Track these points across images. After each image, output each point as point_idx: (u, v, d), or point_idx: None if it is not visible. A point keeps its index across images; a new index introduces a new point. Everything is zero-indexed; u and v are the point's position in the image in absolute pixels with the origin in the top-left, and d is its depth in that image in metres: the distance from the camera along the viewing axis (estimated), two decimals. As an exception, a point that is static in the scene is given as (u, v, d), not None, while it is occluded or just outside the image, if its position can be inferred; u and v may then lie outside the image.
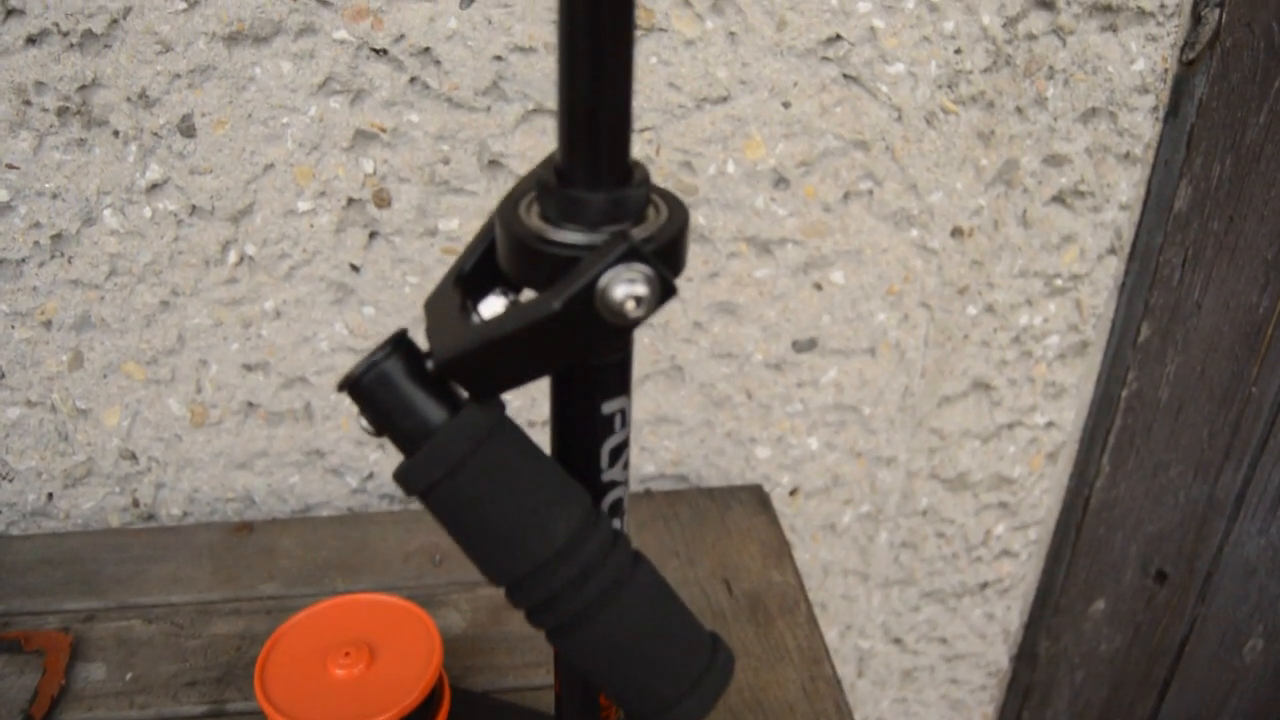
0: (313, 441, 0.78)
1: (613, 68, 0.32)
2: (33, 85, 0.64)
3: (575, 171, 0.33)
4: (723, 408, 0.82)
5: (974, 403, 0.86)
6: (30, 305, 0.71)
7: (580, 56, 0.31)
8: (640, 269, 0.32)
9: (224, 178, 0.68)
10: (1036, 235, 0.79)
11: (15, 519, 0.79)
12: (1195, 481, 0.95)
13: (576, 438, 0.39)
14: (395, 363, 0.36)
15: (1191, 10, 0.74)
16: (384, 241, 0.72)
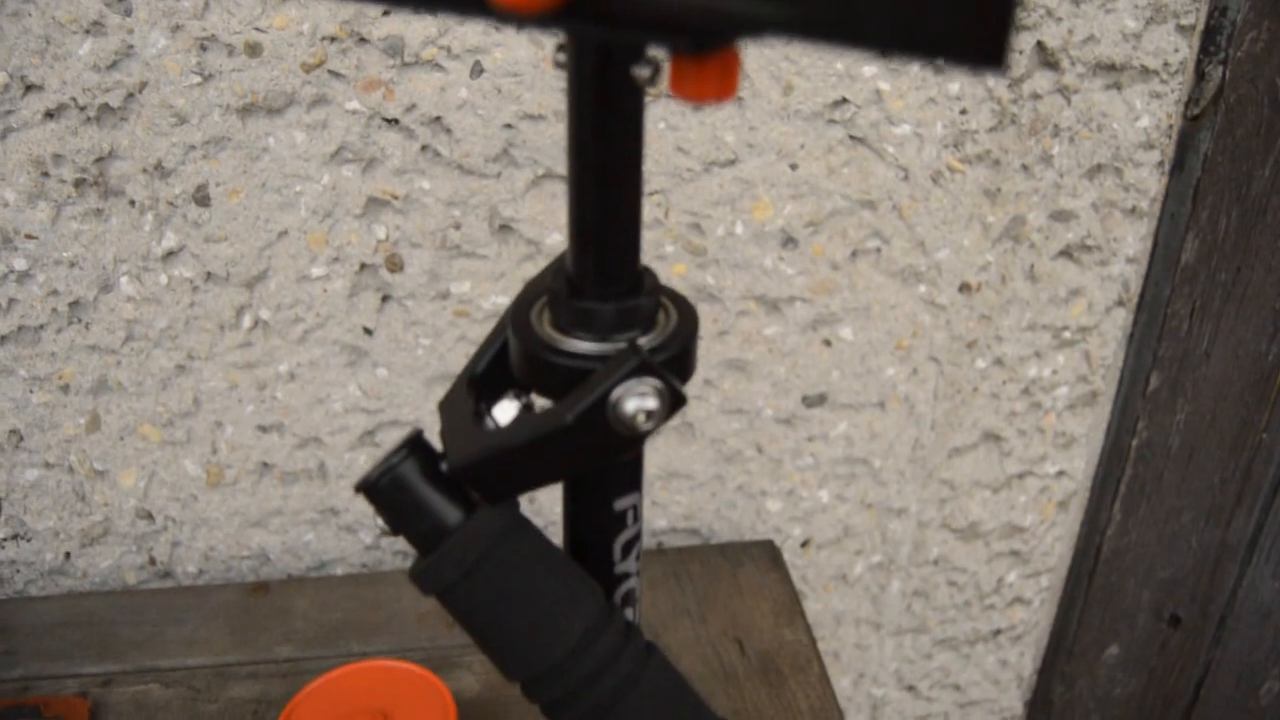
0: (327, 500, 0.79)
1: (621, 187, 0.32)
2: (51, 158, 0.65)
3: (586, 283, 0.34)
4: (734, 462, 0.82)
5: (984, 454, 0.86)
6: (48, 370, 0.72)
7: (590, 177, 0.32)
8: (651, 382, 0.33)
9: (238, 245, 0.69)
10: (1044, 289, 0.79)
11: (33, 578, 0.80)
12: (1207, 527, 0.95)
13: (589, 534, 0.40)
14: (411, 465, 0.37)
15: (1195, 67, 0.74)
16: (396, 305, 0.72)
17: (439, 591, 0.37)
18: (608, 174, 0.32)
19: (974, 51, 0.20)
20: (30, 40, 0.62)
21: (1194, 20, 0.72)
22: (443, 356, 0.74)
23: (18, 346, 0.71)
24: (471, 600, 0.37)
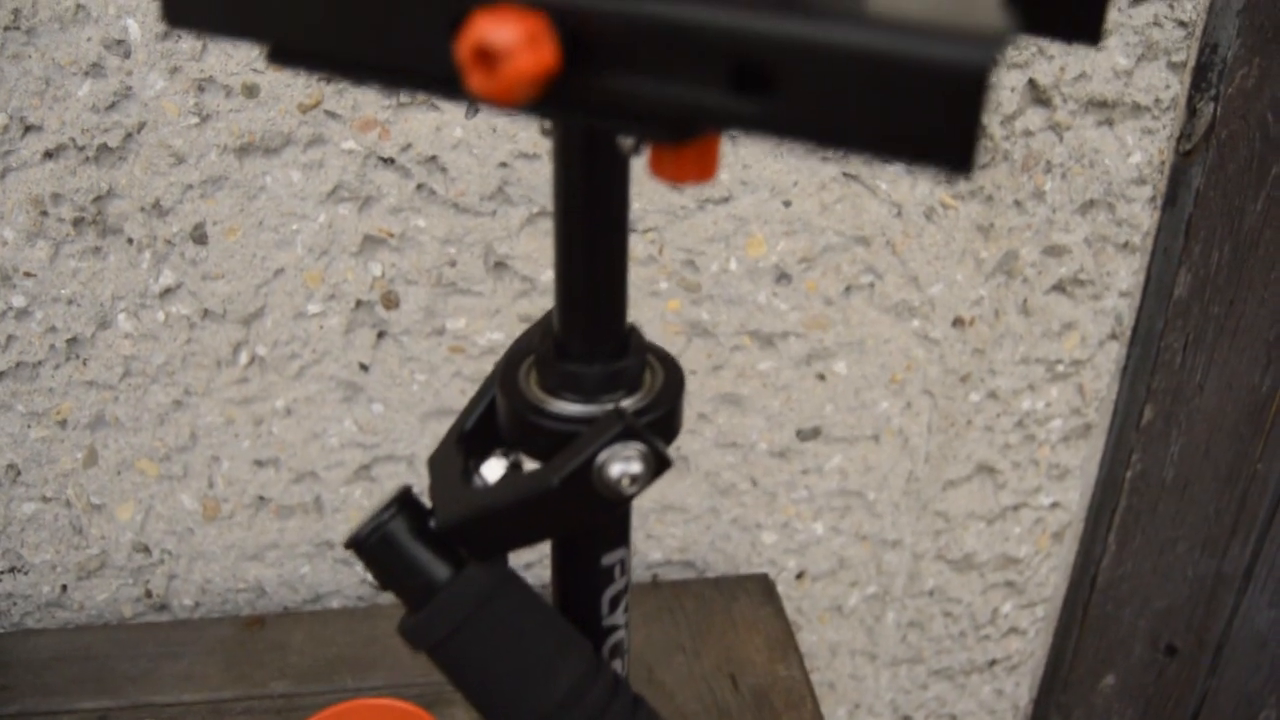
0: (323, 533, 0.79)
1: (607, 253, 0.33)
2: (50, 197, 0.66)
3: (572, 345, 0.34)
4: (728, 495, 0.82)
5: (978, 486, 0.86)
6: (46, 405, 0.72)
7: (576, 244, 0.32)
8: (636, 447, 0.33)
9: (235, 282, 0.70)
10: (1037, 323, 0.80)
11: (30, 610, 0.80)
12: (1203, 557, 0.95)
13: (577, 588, 0.40)
14: (400, 523, 0.37)
15: (1187, 103, 0.75)
16: (392, 341, 0.73)
17: (428, 647, 0.38)
18: (594, 242, 0.32)
19: (940, 158, 0.20)
20: (30, 82, 0.63)
21: (1185, 57, 0.72)
22: (438, 392, 0.75)
23: (16, 382, 0.71)
24: (460, 655, 0.38)
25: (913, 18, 0.20)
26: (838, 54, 0.20)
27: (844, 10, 0.21)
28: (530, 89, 0.22)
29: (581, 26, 0.22)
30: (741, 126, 0.22)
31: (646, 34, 0.22)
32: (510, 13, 0.22)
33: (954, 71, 0.19)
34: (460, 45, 0.22)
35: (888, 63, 0.20)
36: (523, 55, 0.22)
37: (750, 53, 0.21)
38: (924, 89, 0.19)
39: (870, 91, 0.20)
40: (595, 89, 0.23)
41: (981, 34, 0.19)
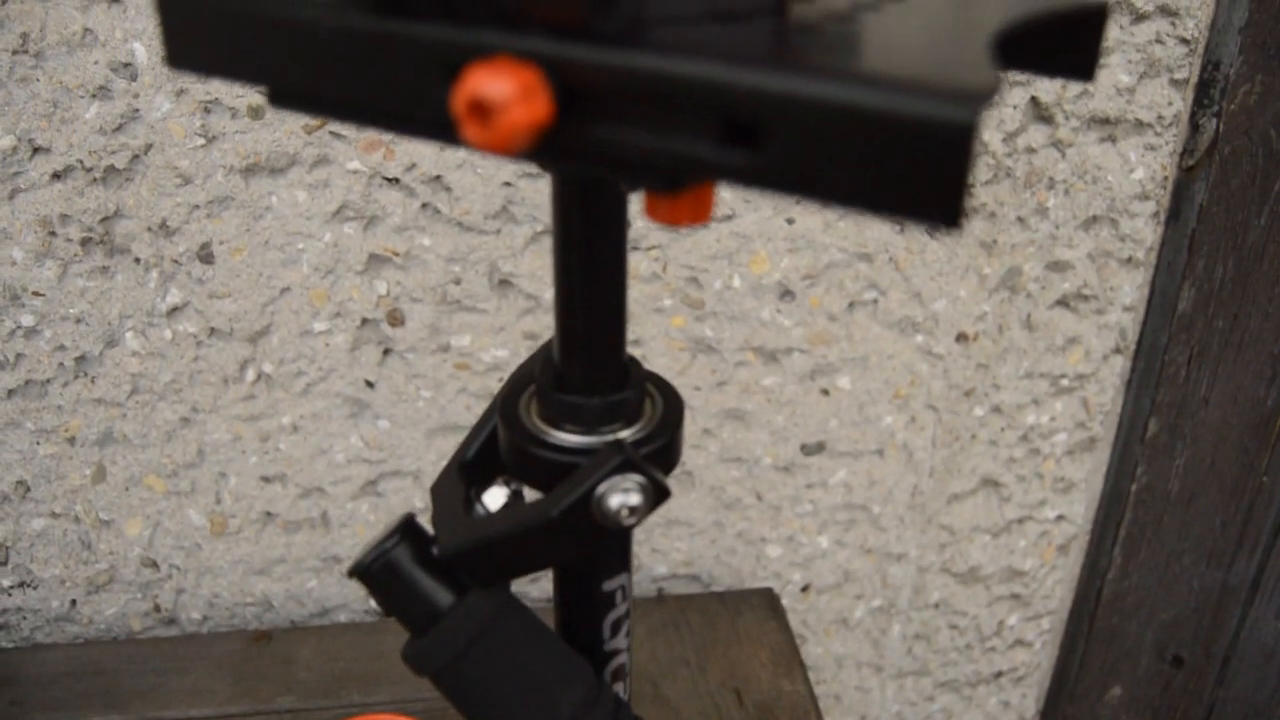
0: (329, 548, 0.80)
1: (606, 290, 0.33)
2: (58, 217, 0.66)
3: (572, 378, 0.35)
4: (733, 509, 0.83)
5: (983, 499, 0.86)
6: (55, 423, 0.73)
7: (575, 281, 0.33)
8: (635, 479, 0.33)
9: (242, 301, 0.70)
10: (1041, 338, 0.80)
11: (40, 624, 0.81)
12: (1209, 569, 0.95)
13: (579, 613, 0.40)
14: (403, 550, 0.38)
15: (1189, 120, 0.75)
16: (398, 358, 0.73)
17: (432, 673, 0.38)
18: (592, 278, 0.32)
19: (929, 212, 0.20)
20: (38, 104, 0.63)
21: (1187, 74, 0.72)
22: (443, 408, 0.75)
23: (25, 400, 0.72)
24: (464, 681, 0.38)
25: (899, 73, 0.20)
26: (825, 110, 0.20)
27: (833, 65, 0.21)
28: (525, 140, 0.23)
29: (574, 79, 0.23)
30: (731, 179, 0.22)
31: (638, 87, 0.22)
32: (505, 65, 0.22)
33: (940, 128, 0.19)
34: (456, 98, 0.22)
35: (875, 119, 0.20)
36: (517, 108, 0.22)
37: (739, 107, 0.21)
38: (911, 145, 0.20)
39: (858, 147, 0.20)
40: (588, 139, 0.23)
41: (968, 90, 0.20)
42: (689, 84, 0.22)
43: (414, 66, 0.25)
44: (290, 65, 0.28)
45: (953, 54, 0.22)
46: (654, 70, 0.22)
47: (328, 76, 0.27)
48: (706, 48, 0.22)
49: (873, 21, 0.25)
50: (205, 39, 0.29)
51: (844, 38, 0.23)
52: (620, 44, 0.22)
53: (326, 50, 0.27)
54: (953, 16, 0.26)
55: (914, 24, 0.25)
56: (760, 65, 0.21)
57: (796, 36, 0.23)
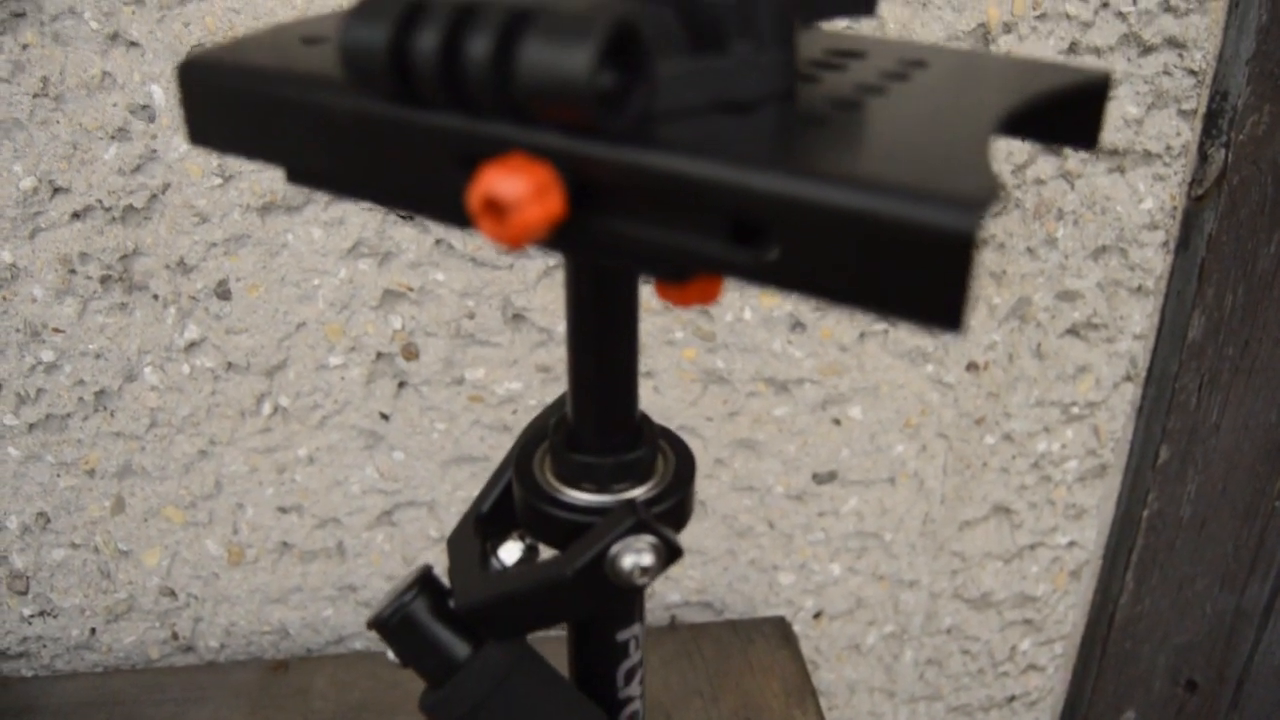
0: (345, 577, 0.81)
1: (618, 355, 0.34)
2: (77, 256, 0.67)
3: (585, 439, 0.35)
4: (745, 537, 0.83)
5: (995, 526, 0.87)
6: (75, 456, 0.74)
7: (589, 350, 0.33)
8: (647, 539, 0.34)
9: (258, 336, 0.71)
10: (1051, 367, 0.80)
11: (59, 653, 0.81)
12: (1221, 594, 0.95)
13: (593, 663, 0.41)
14: (421, 604, 0.39)
15: (1198, 149, 0.75)
16: (412, 391, 0.74)
17: (447, 724, 0.39)
18: (604, 347, 0.33)
19: (930, 316, 0.21)
20: (58, 146, 0.64)
21: (1195, 105, 0.73)
22: (458, 440, 0.76)
23: (45, 433, 0.73)
24: (479, 732, 0.39)
25: (902, 176, 0.21)
26: (830, 214, 0.21)
27: (838, 167, 0.21)
28: (539, 235, 0.23)
29: (587, 175, 0.23)
30: (738, 275, 0.23)
31: (648, 184, 0.23)
32: (519, 163, 0.23)
33: (942, 235, 0.20)
34: (471, 195, 0.23)
35: (878, 225, 0.20)
36: (531, 207, 0.23)
37: (747, 209, 0.22)
38: (913, 250, 0.20)
39: (863, 250, 0.21)
40: (600, 232, 0.24)
41: (969, 197, 0.20)
42: (698, 184, 0.22)
43: (428, 155, 0.26)
44: (307, 147, 0.29)
45: (955, 151, 0.23)
46: (663, 169, 0.22)
47: (343, 160, 0.28)
48: (715, 146, 0.23)
49: (877, 108, 0.25)
50: (225, 119, 0.30)
51: (849, 130, 0.24)
52: (631, 141, 0.23)
53: (342, 135, 0.27)
54: (955, 99, 0.26)
55: (917, 111, 0.25)
56: (767, 167, 0.22)
57: (803, 131, 0.24)
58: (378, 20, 0.24)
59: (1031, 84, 0.28)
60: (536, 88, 0.22)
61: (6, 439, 0.72)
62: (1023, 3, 0.68)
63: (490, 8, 0.23)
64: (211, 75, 0.30)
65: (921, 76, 0.28)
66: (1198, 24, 0.70)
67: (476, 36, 0.23)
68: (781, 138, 0.24)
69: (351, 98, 0.27)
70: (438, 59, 0.24)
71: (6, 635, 0.80)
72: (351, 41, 0.25)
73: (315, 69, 0.29)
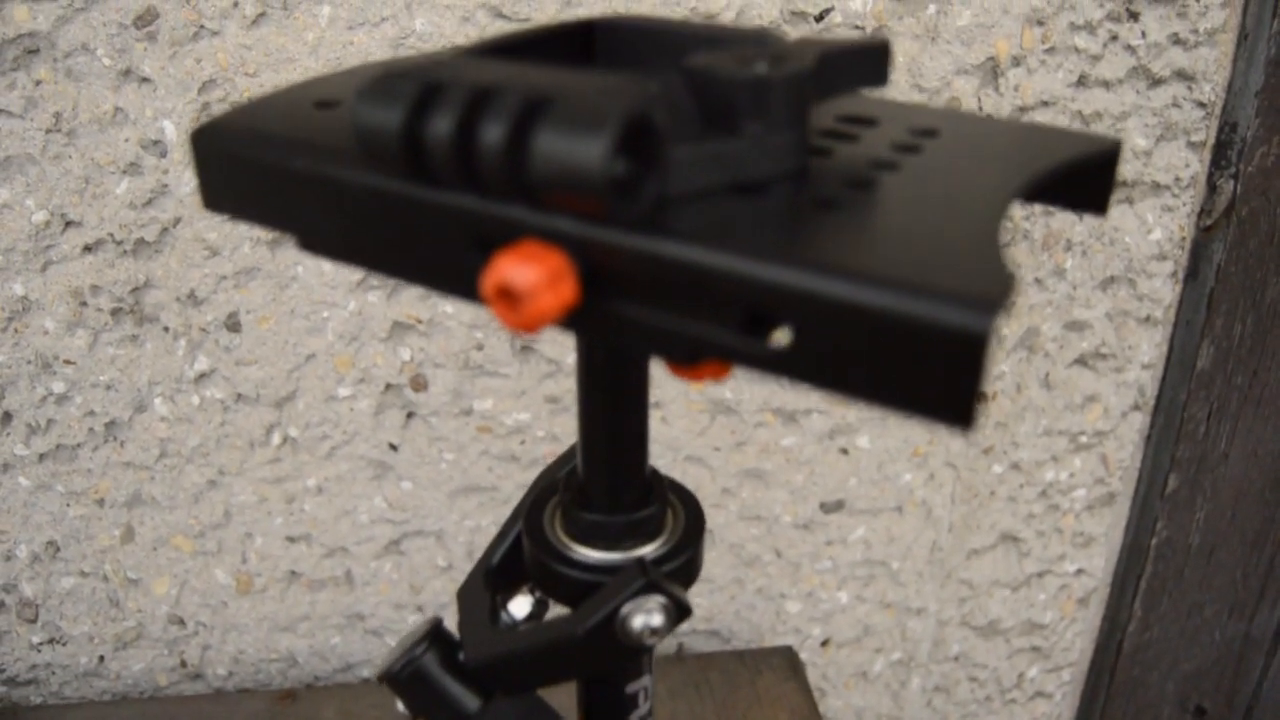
0: (353, 606, 0.81)
1: (628, 425, 0.34)
2: (89, 288, 0.68)
3: (595, 498, 0.35)
4: (753, 566, 0.83)
5: (1003, 554, 0.87)
6: (85, 485, 0.74)
7: (599, 417, 0.33)
8: (657, 600, 0.34)
9: (268, 368, 0.71)
10: (1060, 396, 0.80)
11: (68, 680, 0.82)
12: (1230, 621, 0.95)
13: (603, 715, 0.41)
14: (431, 657, 0.39)
15: (1207, 180, 0.75)
16: (421, 421, 0.74)
17: (458, 777, 0.39)
18: (615, 416, 0.33)
19: (942, 413, 0.21)
20: (71, 180, 0.65)
21: (1204, 136, 0.73)
22: (466, 470, 0.76)
23: (56, 463, 0.73)
24: (488, 784, 0.39)
25: (915, 273, 0.21)
26: (843, 310, 0.21)
27: (852, 262, 0.21)
28: (552, 321, 0.23)
29: (600, 261, 0.23)
30: (750, 365, 0.23)
31: (661, 273, 0.23)
32: (532, 250, 0.23)
33: (955, 335, 0.20)
34: (484, 281, 0.23)
35: (890, 321, 0.21)
36: (545, 296, 0.23)
37: (760, 301, 0.22)
38: (926, 349, 0.20)
39: (874, 346, 0.21)
40: (612, 316, 0.24)
41: (982, 296, 0.20)
42: (710, 274, 0.22)
43: (440, 234, 0.26)
44: (319, 219, 0.29)
45: (968, 240, 0.23)
46: (676, 258, 0.23)
47: (356, 232, 0.28)
48: (727, 234, 0.23)
49: (889, 187, 0.25)
50: (238, 186, 0.30)
51: (861, 215, 0.24)
52: (645, 229, 0.23)
53: (354, 209, 0.27)
54: (967, 177, 0.26)
55: (928, 191, 0.25)
56: (780, 259, 0.22)
57: (815, 216, 0.24)
58: (392, 100, 0.24)
59: (1042, 158, 0.28)
60: (550, 178, 0.22)
61: (17, 469, 0.73)
62: (1031, 36, 0.68)
63: (505, 92, 0.24)
64: (224, 142, 0.30)
65: (933, 148, 0.28)
66: (1207, 57, 0.70)
67: (491, 123, 0.23)
68: (794, 223, 0.24)
69: (364, 173, 0.27)
70: (452, 143, 0.24)
71: (16, 662, 0.80)
72: (365, 121, 0.25)
73: (328, 138, 0.29)
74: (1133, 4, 0.68)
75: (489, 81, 0.24)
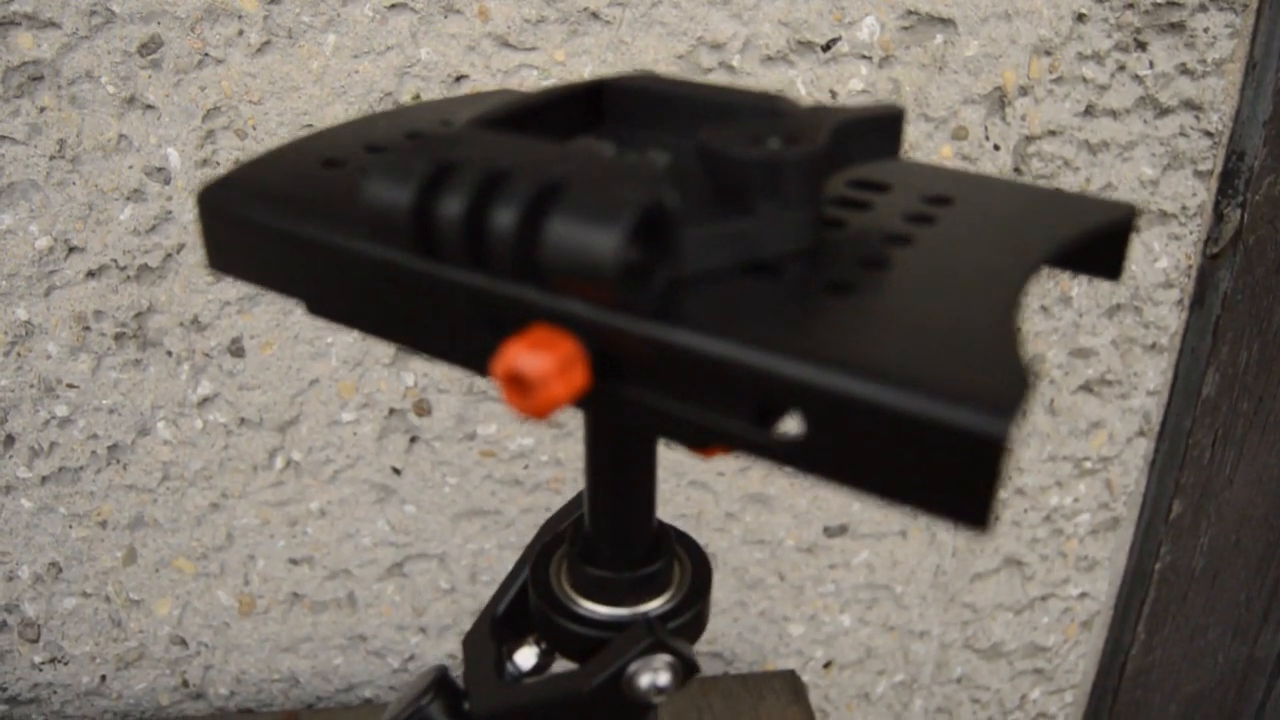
0: (356, 627, 0.81)
1: (636, 489, 0.34)
2: (92, 313, 0.68)
3: (601, 555, 0.35)
4: (756, 589, 0.83)
5: (1006, 578, 0.86)
6: (87, 507, 0.74)
7: (605, 483, 0.33)
8: (664, 659, 0.34)
9: (271, 393, 0.71)
10: (1064, 422, 0.80)
11: (70, 699, 0.82)
12: (1234, 644, 0.94)
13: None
14: (436, 707, 0.38)
15: (1214, 209, 0.75)
16: (424, 446, 0.74)
17: (461, 828, 0.39)
18: (623, 482, 0.33)
19: (956, 513, 0.21)
20: (74, 207, 0.64)
21: (1211, 165, 0.73)
22: (469, 494, 0.76)
23: (58, 485, 0.73)
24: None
25: (930, 372, 0.21)
26: (856, 408, 0.21)
27: (866, 358, 0.21)
28: (563, 406, 0.23)
29: (611, 347, 0.23)
30: (760, 456, 0.23)
31: (673, 362, 0.23)
32: (543, 337, 0.23)
33: (971, 439, 0.20)
34: (495, 367, 0.23)
35: (905, 422, 0.20)
36: (555, 384, 0.23)
37: (772, 395, 0.22)
38: (940, 450, 0.20)
39: (888, 444, 0.21)
40: (623, 400, 0.24)
41: (999, 398, 0.20)
42: (722, 366, 0.22)
43: (449, 310, 0.26)
44: (327, 285, 0.28)
45: (984, 331, 0.22)
46: (687, 348, 0.22)
47: (363, 301, 0.28)
48: (740, 323, 0.22)
49: (903, 266, 0.25)
50: (244, 250, 0.30)
51: (875, 301, 0.24)
52: (656, 316, 0.23)
53: (363, 279, 0.27)
54: (983, 255, 0.26)
55: (943, 274, 0.25)
56: (793, 353, 0.21)
57: (828, 301, 0.24)
58: (404, 179, 0.24)
59: (1056, 232, 0.28)
60: (561, 265, 0.22)
61: (19, 491, 0.72)
62: (1039, 66, 0.68)
63: (519, 175, 0.23)
64: (230, 204, 0.30)
65: (947, 219, 0.28)
66: (1215, 86, 0.70)
67: (503, 207, 0.23)
68: (806, 310, 0.23)
69: (373, 245, 0.26)
70: (462, 225, 0.24)
71: (18, 681, 0.80)
72: (374, 198, 0.25)
73: (336, 202, 0.29)
74: (1141, 34, 0.68)
75: (501, 163, 0.24)
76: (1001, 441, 0.20)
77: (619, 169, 0.23)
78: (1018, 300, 0.24)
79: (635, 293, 0.22)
